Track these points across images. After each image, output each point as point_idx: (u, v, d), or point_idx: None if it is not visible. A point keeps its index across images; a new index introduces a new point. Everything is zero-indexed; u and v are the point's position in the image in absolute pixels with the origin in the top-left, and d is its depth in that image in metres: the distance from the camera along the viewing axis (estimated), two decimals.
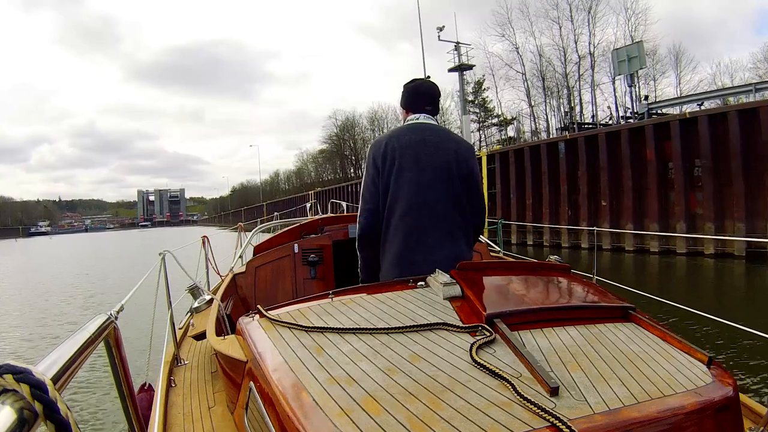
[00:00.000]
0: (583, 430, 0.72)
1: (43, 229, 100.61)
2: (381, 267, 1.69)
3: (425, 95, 1.77)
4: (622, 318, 1.14)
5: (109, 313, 1.05)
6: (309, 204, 9.42)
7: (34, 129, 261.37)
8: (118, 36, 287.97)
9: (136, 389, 1.46)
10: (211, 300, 1.97)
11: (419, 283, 1.32)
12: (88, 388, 4.63)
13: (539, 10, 28.38)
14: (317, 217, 3.48)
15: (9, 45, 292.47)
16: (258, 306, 1.24)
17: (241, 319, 1.23)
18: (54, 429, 0.42)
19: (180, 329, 2.53)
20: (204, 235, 4.03)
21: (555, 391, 0.81)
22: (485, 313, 1.05)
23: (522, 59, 30.05)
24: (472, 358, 0.91)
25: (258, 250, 2.99)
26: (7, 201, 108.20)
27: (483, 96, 35.41)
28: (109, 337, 1.02)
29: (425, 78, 1.85)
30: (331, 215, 4.04)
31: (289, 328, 1.08)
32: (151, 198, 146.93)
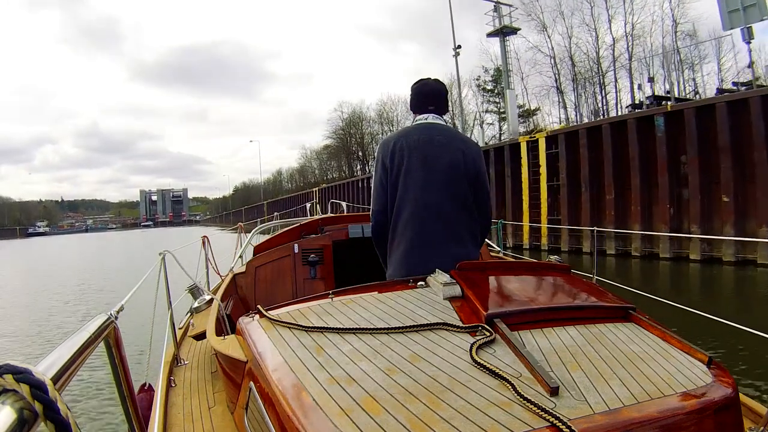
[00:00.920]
0: (583, 430, 0.72)
1: (42, 230, 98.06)
2: (389, 266, 1.70)
3: (429, 95, 1.79)
4: (622, 318, 1.14)
5: (109, 313, 1.05)
6: (309, 204, 9.44)
7: (37, 129, 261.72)
8: (122, 36, 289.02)
9: (136, 389, 1.46)
10: (211, 300, 1.97)
11: (419, 283, 1.32)
12: (88, 388, 4.62)
13: None
14: (317, 217, 3.48)
15: (12, 44, 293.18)
16: (258, 306, 1.24)
17: (241, 319, 1.23)
18: (54, 429, 0.42)
19: (180, 329, 2.53)
20: (204, 235, 4.03)
21: (555, 391, 0.81)
22: (485, 313, 1.05)
23: (551, 41, 26.52)
24: (472, 358, 0.91)
25: (258, 250, 3.00)
26: (6, 201, 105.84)
27: (503, 85, 32.02)
28: (109, 337, 1.02)
29: (430, 78, 1.86)
30: (331, 215, 4.04)
31: (289, 328, 1.08)
32: (154, 198, 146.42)
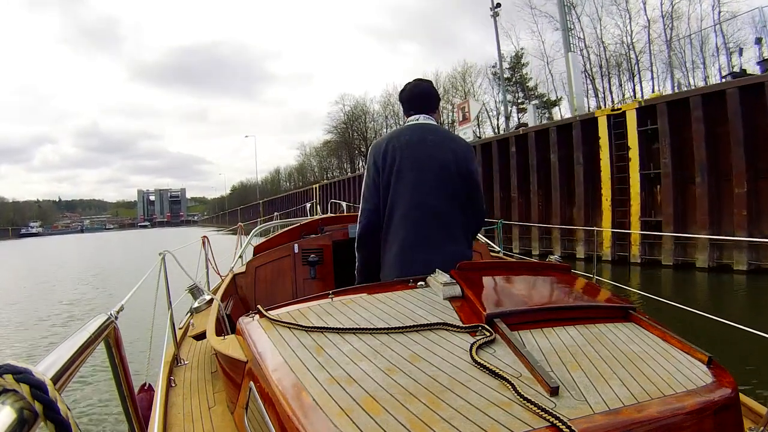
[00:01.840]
0: (583, 430, 0.72)
1: (35, 230, 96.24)
2: (382, 267, 1.70)
3: (419, 96, 1.81)
4: (622, 318, 1.14)
5: (109, 313, 1.05)
6: (309, 204, 9.47)
7: (36, 129, 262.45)
8: (122, 36, 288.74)
9: (136, 389, 1.46)
10: (211, 300, 1.97)
11: (419, 283, 1.32)
12: (88, 388, 4.62)
13: None
14: (317, 217, 3.48)
15: (12, 44, 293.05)
16: (258, 306, 1.24)
17: (241, 319, 1.23)
18: (54, 429, 0.42)
19: (180, 329, 2.53)
20: (204, 235, 4.03)
21: (555, 391, 0.81)
22: (485, 313, 1.05)
23: (580, 22, 23.96)
24: (472, 358, 0.91)
25: (258, 250, 3.00)
26: None
27: (522, 73, 29.04)
28: (109, 337, 1.02)
29: (420, 79, 1.89)
30: (331, 215, 4.04)
31: (289, 328, 1.08)
32: (152, 198, 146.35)
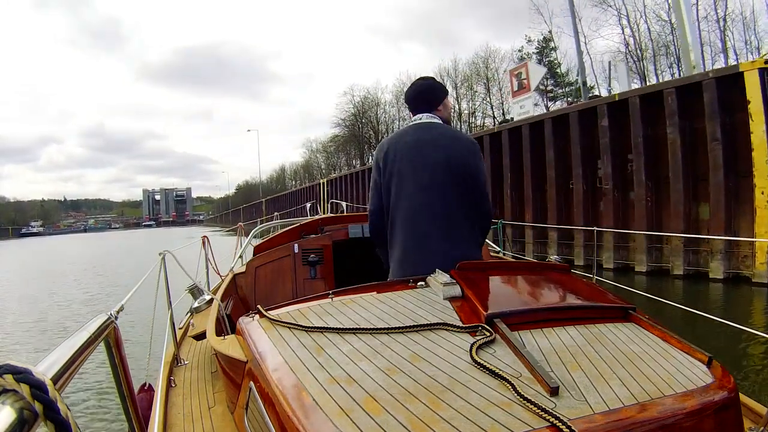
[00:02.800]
0: (583, 430, 0.72)
1: (36, 230, 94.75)
2: (389, 267, 1.71)
3: (422, 94, 1.79)
4: (622, 318, 1.14)
5: (109, 313, 1.05)
6: (309, 204, 9.48)
7: (42, 129, 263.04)
8: (127, 37, 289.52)
9: (136, 389, 1.46)
10: (211, 300, 1.97)
11: (419, 283, 1.32)
12: (88, 388, 4.62)
13: None
14: (317, 217, 3.48)
15: (19, 45, 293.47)
16: (258, 306, 1.24)
17: (241, 319, 1.23)
18: (54, 429, 0.42)
19: (180, 329, 2.53)
20: (204, 235, 4.03)
21: (555, 391, 0.81)
22: (485, 313, 1.05)
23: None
24: (472, 358, 0.91)
25: (258, 250, 3.00)
26: (0, 200, 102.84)
27: (550, 58, 25.83)
28: (109, 337, 1.02)
29: (424, 77, 1.86)
30: (331, 215, 4.04)
31: (289, 328, 1.08)
32: (157, 197, 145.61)
